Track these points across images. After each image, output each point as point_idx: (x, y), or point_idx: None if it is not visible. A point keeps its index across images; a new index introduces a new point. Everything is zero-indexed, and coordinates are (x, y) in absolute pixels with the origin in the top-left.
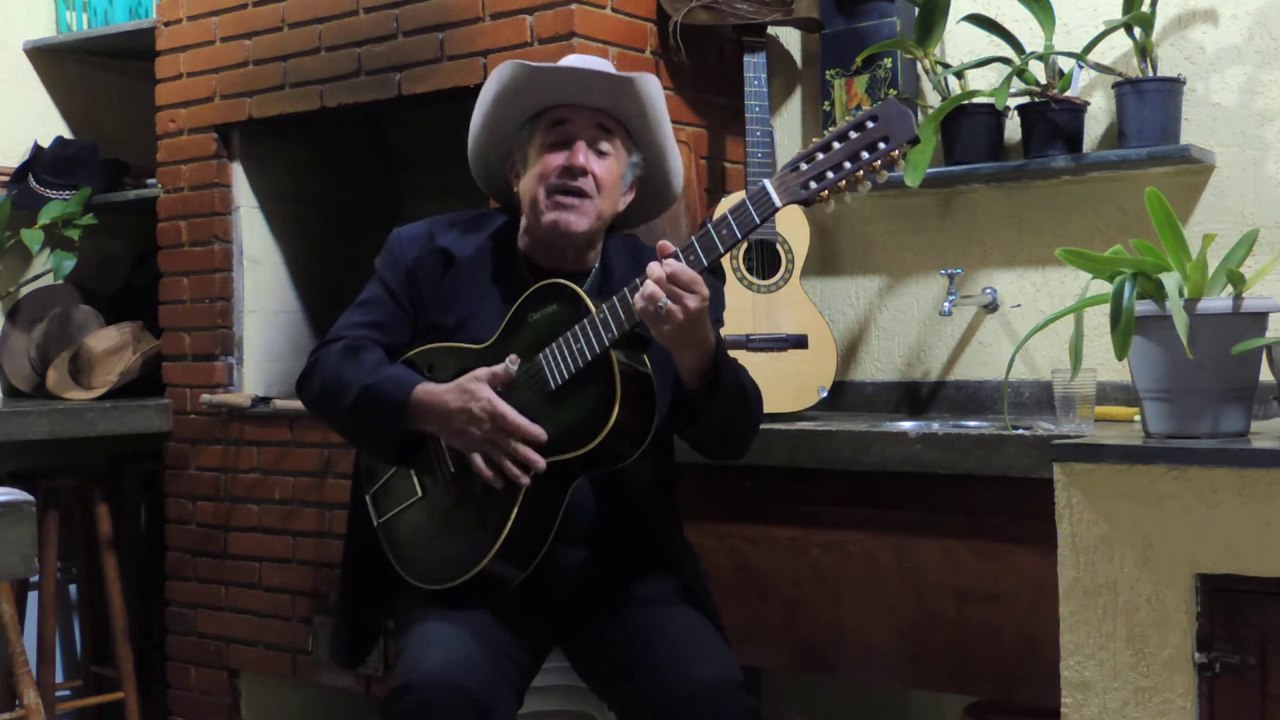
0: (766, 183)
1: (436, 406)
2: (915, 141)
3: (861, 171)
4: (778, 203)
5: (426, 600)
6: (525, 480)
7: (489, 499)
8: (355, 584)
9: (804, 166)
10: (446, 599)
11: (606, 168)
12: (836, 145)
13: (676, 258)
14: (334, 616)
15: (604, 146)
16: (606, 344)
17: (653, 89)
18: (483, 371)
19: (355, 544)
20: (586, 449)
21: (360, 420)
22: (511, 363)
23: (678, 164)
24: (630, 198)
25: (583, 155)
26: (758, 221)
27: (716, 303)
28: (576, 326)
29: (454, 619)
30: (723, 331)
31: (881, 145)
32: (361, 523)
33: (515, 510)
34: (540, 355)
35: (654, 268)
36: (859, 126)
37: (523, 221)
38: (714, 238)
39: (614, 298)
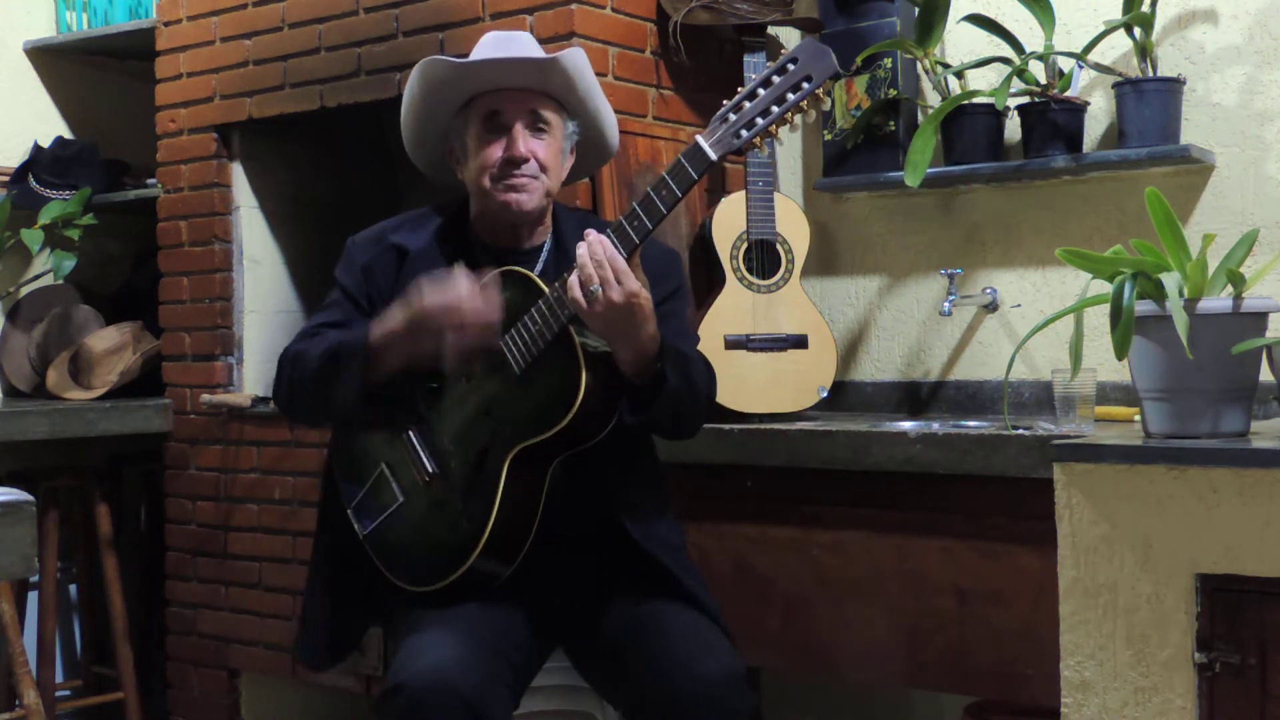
0: (700, 138)
1: (391, 334)
2: (837, 77)
3: (789, 113)
4: (713, 156)
5: (419, 601)
6: (495, 329)
7: (470, 494)
8: (327, 589)
9: (733, 117)
10: (439, 598)
11: (546, 146)
12: (762, 92)
13: (613, 236)
14: (302, 620)
15: (540, 125)
16: (565, 321)
17: (579, 62)
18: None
19: (326, 549)
20: (560, 426)
21: (329, 382)
22: (491, 282)
23: (612, 119)
24: (571, 161)
25: (523, 144)
26: (695, 178)
27: (674, 276)
28: (533, 309)
29: (447, 619)
30: (724, 332)
31: (805, 85)
32: (332, 528)
33: (497, 500)
34: (501, 342)
35: (582, 250)
36: (781, 70)
37: (473, 206)
38: (655, 200)
39: (564, 275)
